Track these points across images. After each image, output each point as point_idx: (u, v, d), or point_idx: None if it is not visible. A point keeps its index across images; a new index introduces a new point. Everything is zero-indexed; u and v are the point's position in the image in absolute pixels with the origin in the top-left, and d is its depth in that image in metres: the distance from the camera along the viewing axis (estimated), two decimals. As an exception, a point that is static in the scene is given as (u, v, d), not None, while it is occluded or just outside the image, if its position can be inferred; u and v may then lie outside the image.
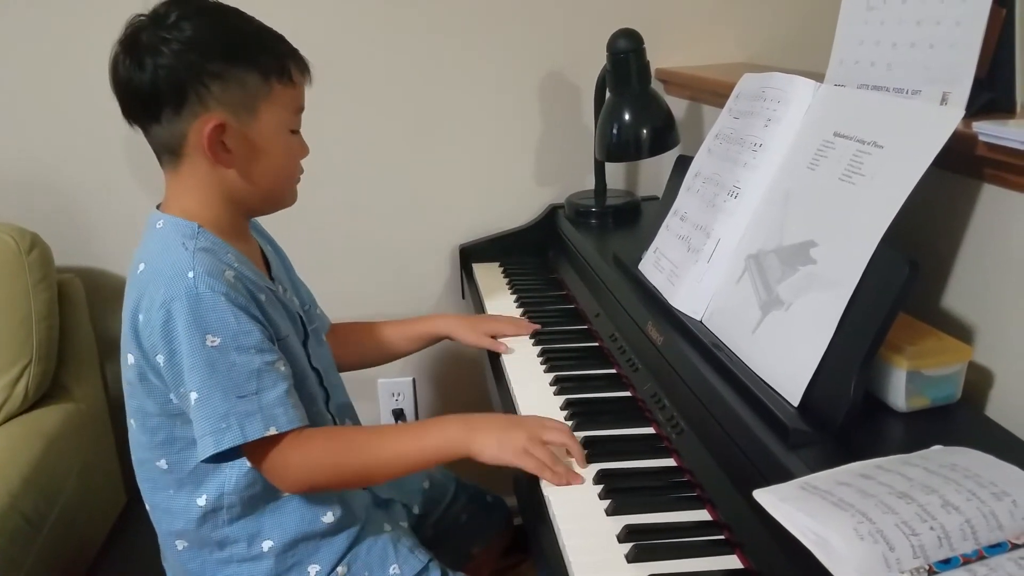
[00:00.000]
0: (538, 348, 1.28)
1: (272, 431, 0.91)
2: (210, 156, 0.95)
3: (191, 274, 0.90)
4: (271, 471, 0.95)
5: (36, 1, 1.53)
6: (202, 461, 0.91)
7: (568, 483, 0.93)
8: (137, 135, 0.98)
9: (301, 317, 1.08)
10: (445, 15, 1.64)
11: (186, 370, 0.90)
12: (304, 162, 1.06)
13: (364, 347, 1.33)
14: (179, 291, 0.90)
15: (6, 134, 1.59)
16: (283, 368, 0.94)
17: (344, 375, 1.21)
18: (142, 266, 0.96)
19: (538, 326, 1.34)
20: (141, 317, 0.93)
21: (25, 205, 1.59)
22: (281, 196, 1.05)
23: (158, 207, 1.01)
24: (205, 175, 0.97)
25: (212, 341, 0.89)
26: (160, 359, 0.92)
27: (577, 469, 0.95)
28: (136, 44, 0.93)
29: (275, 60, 0.96)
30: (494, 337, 1.31)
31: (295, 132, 1.02)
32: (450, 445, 0.97)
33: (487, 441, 0.96)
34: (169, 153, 0.97)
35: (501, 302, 1.50)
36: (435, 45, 1.65)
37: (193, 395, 0.90)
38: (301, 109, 1.02)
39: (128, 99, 0.95)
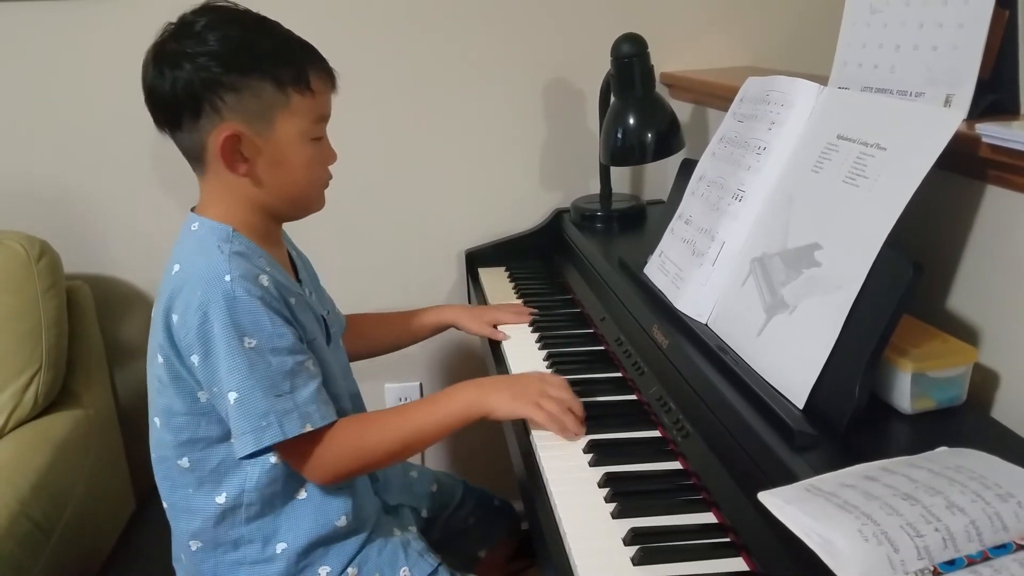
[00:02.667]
0: (544, 352, 1.28)
1: (308, 428, 0.94)
2: (225, 165, 0.96)
3: (228, 277, 0.92)
4: (305, 465, 0.98)
5: (44, 13, 1.54)
6: (239, 458, 0.95)
7: (575, 435, 1.00)
8: (140, 141, 0.98)
9: (324, 320, 1.09)
10: (449, 21, 1.65)
11: (223, 371, 0.92)
12: None
13: (375, 337, 1.37)
14: (216, 294, 0.92)
15: (14, 143, 1.61)
16: (313, 367, 0.97)
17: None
18: (177, 267, 0.97)
19: (534, 310, 1.40)
20: (175, 318, 0.94)
21: (34, 213, 1.60)
22: (307, 202, 1.05)
23: (193, 209, 1.03)
24: (227, 182, 0.99)
25: (249, 343, 0.92)
26: (195, 359, 0.94)
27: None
28: (161, 53, 0.95)
29: (293, 70, 0.96)
30: (496, 327, 1.36)
31: (318, 139, 1.02)
32: (469, 409, 1.02)
33: (501, 398, 1.01)
34: (194, 160, 1.00)
35: (507, 306, 1.50)
36: (439, 51, 1.66)
37: (232, 395, 0.92)
38: (324, 118, 1.02)
39: (153, 106, 0.98)
